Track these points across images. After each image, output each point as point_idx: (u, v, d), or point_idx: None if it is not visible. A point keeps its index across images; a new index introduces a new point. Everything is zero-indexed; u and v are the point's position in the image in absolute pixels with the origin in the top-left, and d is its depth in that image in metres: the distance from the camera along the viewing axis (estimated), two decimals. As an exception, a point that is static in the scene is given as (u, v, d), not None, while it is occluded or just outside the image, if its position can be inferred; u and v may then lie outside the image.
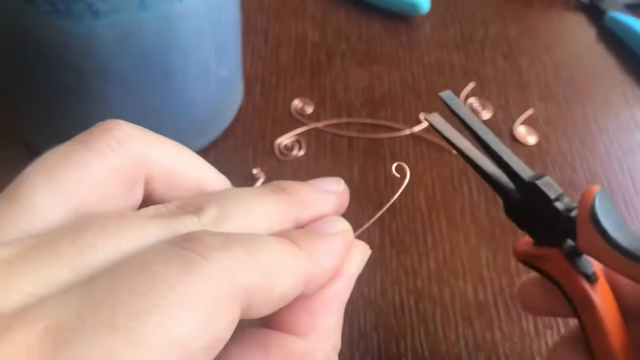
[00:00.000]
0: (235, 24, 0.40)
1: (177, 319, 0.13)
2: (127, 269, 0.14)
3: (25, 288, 0.13)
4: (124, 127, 0.18)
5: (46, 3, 0.31)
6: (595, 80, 0.50)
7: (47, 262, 0.14)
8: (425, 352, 0.32)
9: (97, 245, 0.15)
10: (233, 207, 0.17)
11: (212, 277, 0.14)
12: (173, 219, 0.16)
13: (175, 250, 0.14)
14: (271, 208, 0.18)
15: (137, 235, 0.15)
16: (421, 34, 0.53)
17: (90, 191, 0.17)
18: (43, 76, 0.35)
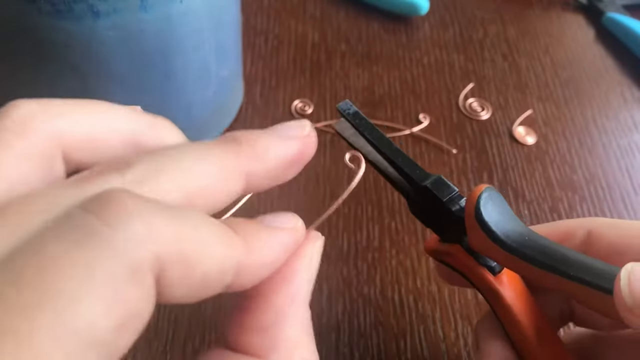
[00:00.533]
0: (236, 24, 0.40)
1: (71, 307, 0.12)
2: (19, 253, 0.12)
3: None
4: (21, 106, 0.16)
5: (47, 4, 0.31)
6: (594, 81, 0.50)
7: None
8: (425, 352, 0.33)
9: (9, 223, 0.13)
10: (167, 163, 0.15)
11: (115, 250, 0.12)
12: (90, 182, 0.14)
13: (75, 217, 0.13)
14: (216, 162, 0.16)
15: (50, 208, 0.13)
16: (421, 34, 0.53)
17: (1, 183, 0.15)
18: (44, 76, 0.35)
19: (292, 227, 0.17)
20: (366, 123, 0.26)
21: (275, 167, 0.17)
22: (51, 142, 0.16)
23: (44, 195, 0.14)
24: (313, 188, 0.40)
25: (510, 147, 0.44)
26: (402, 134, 0.44)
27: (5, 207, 0.14)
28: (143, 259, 0.13)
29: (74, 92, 0.35)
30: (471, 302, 0.35)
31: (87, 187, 0.14)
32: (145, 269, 0.13)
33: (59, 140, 0.16)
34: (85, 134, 0.17)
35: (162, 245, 0.13)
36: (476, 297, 0.35)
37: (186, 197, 0.15)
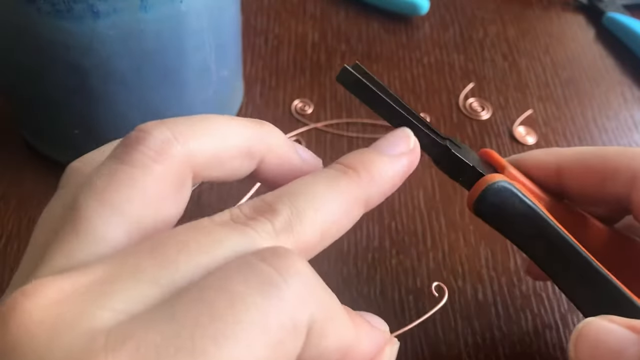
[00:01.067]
0: (236, 24, 0.40)
1: (249, 345, 0.14)
2: (208, 286, 0.14)
3: (116, 306, 0.14)
4: (155, 133, 0.18)
5: (47, 4, 0.31)
6: (594, 81, 0.50)
7: (133, 280, 0.14)
8: (425, 352, 0.33)
9: (178, 261, 0.15)
10: (304, 205, 0.17)
11: (287, 302, 0.14)
12: (247, 227, 0.16)
13: (254, 264, 0.15)
14: (343, 196, 0.18)
15: (216, 248, 0.16)
16: (421, 34, 0.53)
17: (143, 205, 0.17)
18: (43, 76, 0.35)
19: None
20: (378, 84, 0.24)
21: (391, 188, 0.20)
22: (184, 165, 0.18)
23: (207, 231, 0.16)
24: (313, 188, 0.40)
25: (510, 147, 0.44)
26: (402, 134, 0.44)
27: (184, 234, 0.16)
28: (304, 316, 0.15)
29: (73, 91, 0.35)
30: (471, 302, 0.35)
31: (249, 233, 0.16)
32: (304, 326, 0.15)
33: (190, 162, 0.18)
34: (211, 153, 0.19)
35: (317, 308, 0.15)
36: (476, 297, 0.35)
37: (323, 233, 0.18)
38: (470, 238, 0.38)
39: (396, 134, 0.21)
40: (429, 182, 0.41)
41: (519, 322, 0.34)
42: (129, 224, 0.17)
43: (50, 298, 0.14)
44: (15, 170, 0.40)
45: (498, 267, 0.36)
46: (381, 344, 0.20)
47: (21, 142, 0.42)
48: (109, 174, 0.17)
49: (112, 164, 0.17)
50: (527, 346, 0.33)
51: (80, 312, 0.14)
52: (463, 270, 0.36)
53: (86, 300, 0.14)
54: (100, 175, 0.17)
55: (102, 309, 0.14)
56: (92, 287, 0.14)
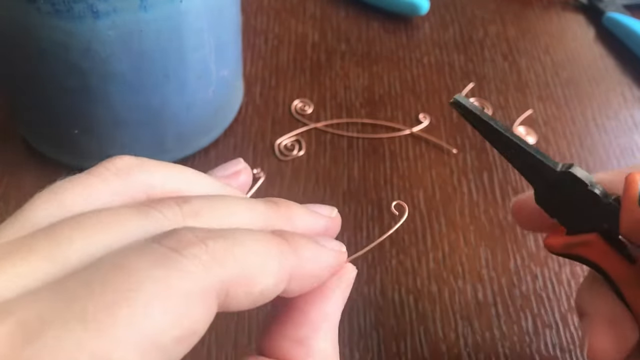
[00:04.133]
0: (236, 24, 0.40)
1: (145, 312, 0.13)
2: (103, 263, 0.14)
3: (8, 281, 0.14)
4: (125, 158, 0.19)
5: (47, 4, 0.31)
6: (594, 81, 0.50)
7: (25, 257, 0.15)
8: (425, 352, 0.33)
9: (74, 238, 0.15)
10: (218, 205, 0.18)
11: (185, 272, 0.14)
12: (153, 209, 0.17)
13: (151, 246, 0.15)
14: (257, 216, 0.19)
15: (117, 228, 0.16)
16: (421, 34, 0.53)
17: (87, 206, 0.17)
18: (43, 76, 0.35)
19: (338, 250, 0.20)
20: (486, 114, 0.25)
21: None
22: (141, 189, 0.19)
23: (111, 214, 0.16)
24: (313, 187, 0.40)
25: (510, 147, 0.44)
26: (402, 134, 0.44)
27: (86, 214, 0.16)
28: (210, 283, 0.15)
29: (73, 91, 0.35)
30: (471, 302, 0.35)
31: (153, 214, 0.16)
32: (210, 292, 0.15)
33: (147, 190, 0.19)
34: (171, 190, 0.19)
35: (225, 270, 0.15)
36: (476, 298, 0.35)
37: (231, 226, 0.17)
38: (470, 238, 0.38)
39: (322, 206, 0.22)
40: (429, 182, 0.41)
41: (519, 322, 0.34)
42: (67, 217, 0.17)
43: None
44: (15, 170, 0.40)
45: (498, 267, 0.36)
46: (334, 264, 0.20)
47: (21, 142, 0.42)
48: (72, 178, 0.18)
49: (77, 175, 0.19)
50: (527, 346, 0.33)
51: None
52: (463, 270, 0.36)
53: None
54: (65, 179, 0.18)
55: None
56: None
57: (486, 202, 0.40)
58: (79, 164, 0.39)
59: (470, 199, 0.40)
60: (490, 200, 0.40)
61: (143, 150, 0.39)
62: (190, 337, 0.14)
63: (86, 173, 0.18)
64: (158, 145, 0.39)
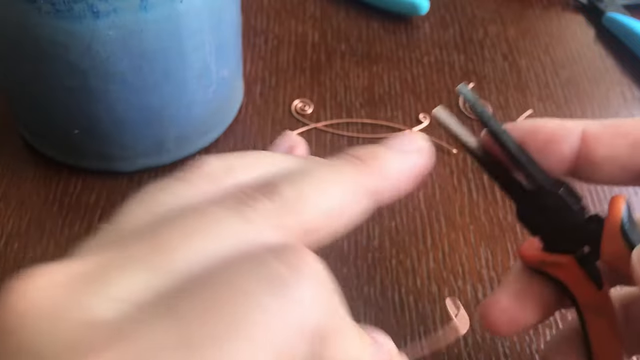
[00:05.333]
0: (236, 24, 0.40)
1: (253, 346, 0.13)
2: (216, 280, 0.14)
3: (115, 295, 0.14)
4: (211, 162, 0.18)
5: (47, 4, 0.31)
6: (594, 81, 0.50)
7: (131, 267, 0.14)
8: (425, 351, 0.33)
9: (177, 247, 0.15)
10: (308, 187, 0.17)
11: (296, 305, 0.14)
12: (247, 207, 0.16)
13: (265, 264, 0.14)
14: (348, 183, 0.18)
15: (216, 231, 0.15)
16: (421, 34, 0.53)
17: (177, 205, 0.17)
18: (44, 76, 0.35)
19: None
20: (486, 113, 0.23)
21: (401, 183, 0.19)
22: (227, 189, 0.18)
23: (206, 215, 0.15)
24: (313, 188, 0.40)
25: (510, 147, 0.44)
26: (402, 133, 0.44)
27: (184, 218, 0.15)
28: (313, 321, 0.14)
29: (73, 91, 0.35)
30: (471, 302, 0.35)
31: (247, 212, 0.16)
32: (310, 331, 0.14)
33: None
34: None
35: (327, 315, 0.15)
36: (476, 298, 0.35)
37: (326, 218, 0.17)
38: (470, 238, 0.38)
39: (410, 135, 0.21)
40: (429, 182, 0.41)
41: (519, 322, 0.34)
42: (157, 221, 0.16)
43: (49, 283, 0.14)
44: (15, 170, 0.40)
45: (498, 267, 0.36)
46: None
47: (21, 142, 0.42)
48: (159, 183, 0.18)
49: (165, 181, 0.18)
50: (527, 346, 0.33)
51: (79, 299, 0.13)
52: (463, 270, 0.36)
53: (84, 287, 0.14)
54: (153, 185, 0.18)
55: (100, 297, 0.13)
56: (91, 274, 0.14)
57: (486, 202, 0.40)
58: (79, 164, 0.40)
59: (470, 199, 0.40)
60: (490, 200, 0.40)
61: (143, 150, 0.39)
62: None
63: (174, 179, 0.18)
64: (158, 145, 0.39)
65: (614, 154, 0.23)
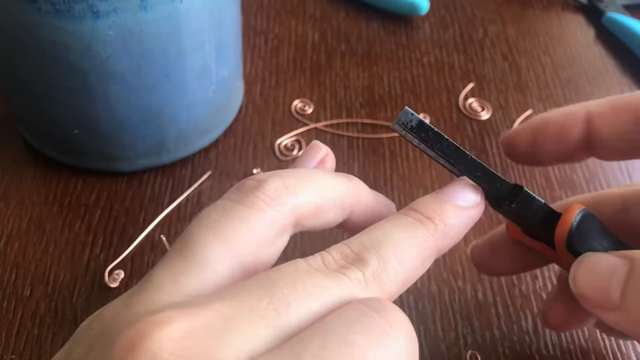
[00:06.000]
0: (236, 24, 0.40)
1: None
2: (329, 335, 0.15)
3: (239, 346, 0.15)
4: (272, 183, 0.20)
5: (47, 4, 0.31)
6: (594, 81, 0.50)
7: (251, 321, 0.15)
8: (425, 352, 0.33)
9: (291, 305, 0.16)
10: (389, 256, 0.19)
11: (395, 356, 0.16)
12: (343, 275, 0.18)
13: (370, 319, 0.16)
14: (422, 247, 0.20)
15: (321, 293, 0.17)
16: (421, 34, 0.53)
17: (250, 243, 0.18)
18: (44, 76, 0.35)
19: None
20: (435, 134, 0.23)
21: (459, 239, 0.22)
22: (291, 213, 0.20)
23: (309, 276, 0.17)
24: (313, 188, 0.40)
25: (510, 147, 0.44)
26: (402, 134, 0.44)
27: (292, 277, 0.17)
28: None
29: (73, 91, 0.35)
30: (471, 302, 0.35)
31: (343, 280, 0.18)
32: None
33: (296, 211, 0.20)
34: (315, 206, 0.21)
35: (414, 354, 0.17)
36: (476, 298, 0.35)
37: (404, 282, 0.20)
38: (470, 238, 0.38)
39: (464, 184, 0.22)
40: (429, 182, 0.41)
41: (519, 322, 0.34)
42: (235, 257, 0.18)
43: (180, 330, 0.15)
44: (15, 170, 0.40)
45: (498, 267, 0.36)
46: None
47: (21, 142, 0.42)
48: (225, 209, 0.19)
49: (227, 203, 0.19)
50: (527, 346, 0.33)
51: (208, 349, 0.14)
52: (463, 270, 0.36)
53: (213, 336, 0.15)
54: (215, 209, 0.19)
55: (226, 348, 0.15)
56: (217, 324, 0.15)
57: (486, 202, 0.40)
58: (79, 164, 0.40)
59: (470, 199, 0.40)
60: (490, 200, 0.40)
61: (143, 150, 0.39)
62: None
63: (239, 203, 0.19)
64: (158, 145, 0.39)
65: (618, 129, 0.24)
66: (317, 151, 0.23)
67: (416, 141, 0.23)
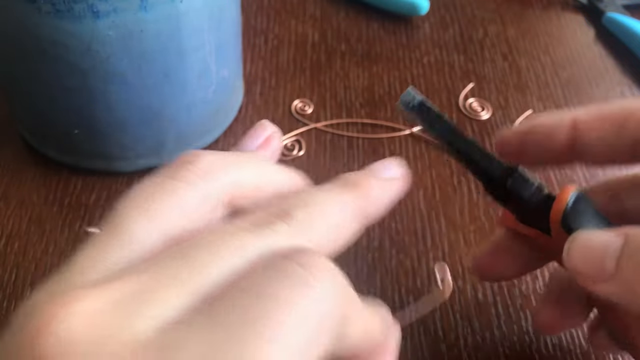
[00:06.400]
0: (236, 24, 0.40)
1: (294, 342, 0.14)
2: (245, 292, 0.15)
3: (156, 315, 0.14)
4: (207, 157, 0.19)
5: (47, 4, 0.31)
6: (594, 81, 0.50)
7: (170, 288, 0.15)
8: (425, 352, 0.33)
9: (210, 264, 0.16)
10: (314, 211, 0.19)
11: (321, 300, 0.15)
12: (267, 228, 0.17)
13: (285, 269, 0.16)
14: (348, 208, 0.20)
15: (241, 250, 0.16)
16: (421, 34, 0.53)
17: (180, 216, 0.18)
18: (44, 76, 0.35)
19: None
20: (434, 114, 0.24)
21: (384, 208, 0.21)
22: (225, 189, 0.19)
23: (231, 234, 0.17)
24: (313, 188, 0.40)
25: (510, 147, 0.44)
26: (402, 134, 0.44)
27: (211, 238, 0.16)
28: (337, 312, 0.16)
29: (73, 91, 0.35)
30: (471, 302, 0.35)
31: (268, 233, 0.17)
32: (336, 323, 0.16)
33: (233, 190, 0.19)
34: (252, 185, 0.20)
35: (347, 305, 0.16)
36: (476, 298, 0.35)
37: (332, 239, 0.19)
38: (470, 238, 0.38)
39: (389, 161, 0.23)
40: (429, 182, 0.41)
41: (519, 322, 0.34)
42: (163, 231, 0.17)
43: (89, 309, 0.14)
44: (15, 170, 0.40)
45: (498, 267, 0.36)
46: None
47: (21, 142, 0.42)
48: (154, 184, 0.18)
49: (159, 176, 0.19)
50: (527, 346, 0.33)
51: (121, 323, 0.14)
52: (463, 270, 0.36)
53: (125, 309, 0.14)
54: (144, 185, 0.18)
55: (142, 319, 0.14)
56: (130, 297, 0.14)
57: (486, 202, 0.40)
58: (79, 164, 0.40)
59: (470, 199, 0.40)
60: (490, 200, 0.40)
61: (143, 150, 0.39)
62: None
63: (169, 177, 0.18)
64: (158, 145, 0.39)
65: (602, 136, 0.25)
66: (263, 130, 0.23)
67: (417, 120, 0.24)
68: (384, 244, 0.37)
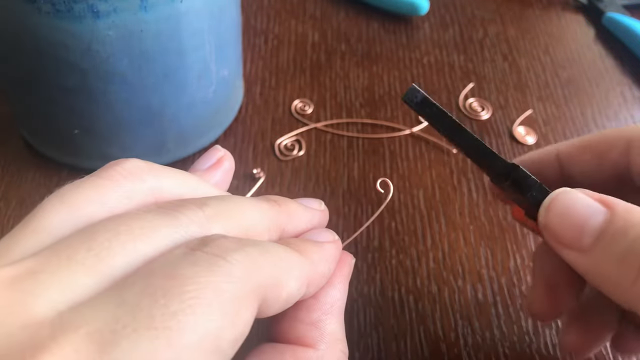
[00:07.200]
0: (236, 24, 0.40)
1: (208, 316, 0.14)
2: (156, 273, 0.15)
3: (54, 296, 0.14)
4: (134, 161, 0.19)
5: (47, 4, 0.31)
6: (594, 81, 0.50)
7: (69, 270, 0.15)
8: (425, 352, 0.33)
9: (114, 249, 0.16)
10: (231, 206, 0.19)
11: (235, 277, 0.15)
12: (178, 213, 0.17)
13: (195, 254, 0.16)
14: (264, 214, 0.20)
15: (150, 235, 0.16)
16: (421, 34, 0.53)
17: (100, 210, 0.18)
18: (44, 76, 0.35)
19: (333, 239, 0.22)
20: (437, 111, 0.25)
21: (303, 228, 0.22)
22: (150, 192, 0.19)
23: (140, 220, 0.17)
24: (313, 187, 0.40)
25: (510, 147, 0.44)
26: (402, 134, 0.44)
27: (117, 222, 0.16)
28: (253, 286, 0.16)
29: (73, 91, 0.35)
30: (471, 302, 0.35)
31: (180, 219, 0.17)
32: (254, 295, 0.16)
33: (156, 193, 0.19)
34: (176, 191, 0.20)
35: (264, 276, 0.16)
36: (476, 298, 0.35)
37: (243, 232, 0.19)
38: (470, 238, 0.38)
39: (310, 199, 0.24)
40: (429, 182, 0.41)
41: (519, 322, 0.34)
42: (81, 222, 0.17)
43: None
44: (15, 170, 0.40)
45: (498, 267, 0.36)
46: (334, 255, 0.21)
47: (21, 142, 0.42)
48: (80, 182, 0.18)
49: (84, 177, 0.19)
50: (527, 346, 0.33)
51: (18, 306, 0.14)
52: (463, 270, 0.36)
53: (23, 292, 0.14)
54: (71, 183, 0.18)
55: (39, 299, 0.14)
56: (24, 278, 0.14)
57: (486, 202, 0.40)
58: (79, 164, 0.40)
59: (470, 199, 0.40)
60: (490, 200, 0.40)
61: (143, 150, 0.39)
62: (241, 340, 0.15)
63: (95, 176, 0.19)
64: (158, 145, 0.39)
65: (584, 168, 0.26)
66: (216, 151, 0.24)
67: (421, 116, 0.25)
68: (384, 244, 0.37)
